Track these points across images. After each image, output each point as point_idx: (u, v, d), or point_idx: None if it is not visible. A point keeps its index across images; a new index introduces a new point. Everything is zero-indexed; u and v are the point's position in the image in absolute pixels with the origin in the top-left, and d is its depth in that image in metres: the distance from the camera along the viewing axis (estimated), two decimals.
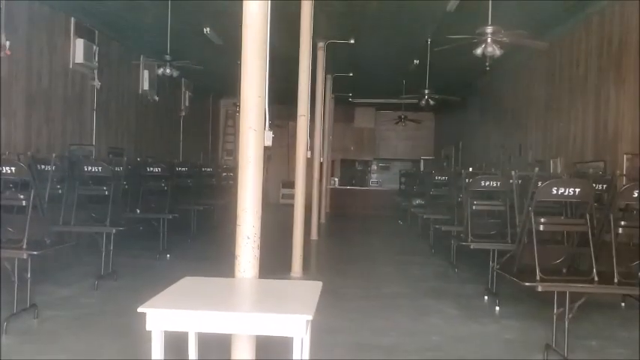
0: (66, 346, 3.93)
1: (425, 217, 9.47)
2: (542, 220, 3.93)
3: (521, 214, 4.39)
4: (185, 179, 9.14)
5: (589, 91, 7.55)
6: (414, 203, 11.13)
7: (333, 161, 17.61)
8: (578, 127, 7.85)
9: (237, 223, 3.19)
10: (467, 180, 6.36)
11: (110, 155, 9.47)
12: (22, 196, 4.48)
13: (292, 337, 2.36)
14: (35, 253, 4.28)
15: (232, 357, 3.12)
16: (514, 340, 4.40)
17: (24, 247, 4.25)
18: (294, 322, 2.34)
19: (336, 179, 18.29)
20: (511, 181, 5.51)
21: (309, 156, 7.34)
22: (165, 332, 2.44)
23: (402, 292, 6.02)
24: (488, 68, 6.89)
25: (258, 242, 3.20)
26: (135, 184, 7.75)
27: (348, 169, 19.62)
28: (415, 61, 10.87)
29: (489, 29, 6.14)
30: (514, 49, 7.71)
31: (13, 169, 4.53)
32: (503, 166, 10.47)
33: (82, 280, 5.89)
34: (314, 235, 9.80)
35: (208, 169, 11.21)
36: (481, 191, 6.16)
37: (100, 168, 6.15)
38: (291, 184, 8.87)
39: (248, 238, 3.16)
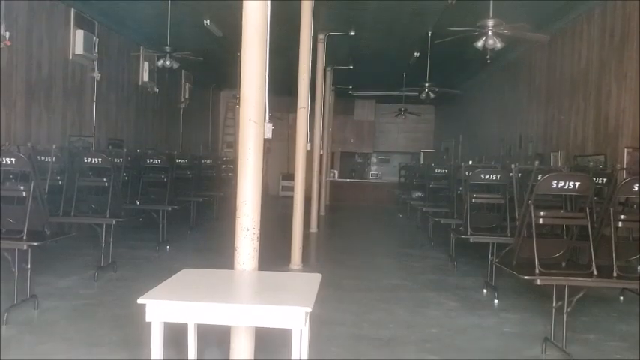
0: (66, 337, 3.95)
1: (424, 209, 9.48)
2: (542, 213, 3.94)
3: (521, 208, 4.39)
4: (185, 171, 9.14)
5: (590, 84, 7.53)
6: (414, 196, 11.14)
7: (333, 154, 17.60)
8: (579, 121, 7.84)
9: (237, 215, 3.19)
10: (466, 173, 6.36)
11: (110, 147, 9.47)
12: (22, 188, 4.49)
13: (291, 329, 2.37)
14: (35, 244, 4.29)
15: (232, 348, 3.14)
16: (512, 332, 4.42)
17: (24, 238, 4.26)
18: (294, 314, 2.35)
19: (336, 172, 18.29)
20: (511, 174, 5.52)
21: (308, 148, 7.33)
22: (165, 323, 2.45)
23: (401, 284, 6.04)
24: (489, 61, 6.87)
25: (257, 234, 3.20)
26: (135, 175, 7.75)
27: (347, 161, 19.61)
28: (416, 53, 10.84)
29: (490, 22, 6.12)
30: (515, 42, 7.69)
31: (13, 160, 4.53)
32: (503, 160, 10.47)
33: (82, 271, 5.91)
34: (313, 228, 9.81)
35: (208, 161, 11.21)
36: (481, 184, 6.16)
37: (99, 159, 6.14)
38: (290, 177, 8.87)
39: (247, 230, 3.16)
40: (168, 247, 7.56)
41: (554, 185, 3.87)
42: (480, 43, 6.18)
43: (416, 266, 7.11)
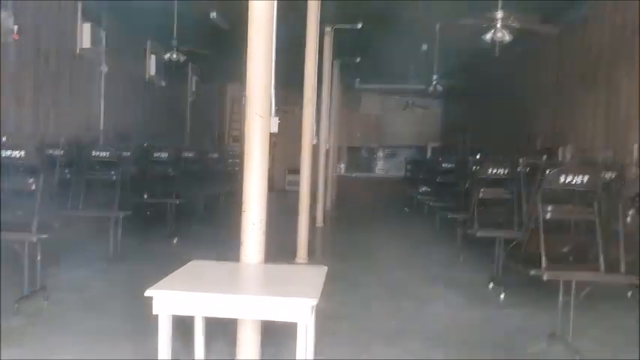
0: (75, 328, 3.99)
1: (431, 204, 9.46)
2: (549, 208, 3.92)
3: (529, 202, 4.37)
4: (192, 165, 9.17)
5: (600, 78, 7.46)
6: (421, 190, 11.12)
7: (339, 148, 17.57)
8: (589, 115, 7.78)
9: (243, 209, 3.20)
10: (474, 167, 6.34)
11: (117, 140, 9.51)
12: (31, 181, 4.52)
13: (297, 322, 2.38)
14: (44, 236, 4.32)
15: (238, 341, 3.16)
16: (519, 327, 4.42)
17: (33, 230, 4.30)
18: (299, 307, 2.36)
19: (342, 166, 18.27)
20: (519, 168, 5.49)
21: (315, 142, 7.33)
22: (175, 318, 2.46)
23: (407, 278, 6.04)
24: (497, 54, 6.82)
25: (263, 228, 3.21)
26: (142, 169, 7.79)
27: (354, 155, 19.59)
28: (423, 46, 10.78)
29: (499, 14, 6.07)
30: (524, 35, 7.62)
31: (22, 153, 4.56)
32: (511, 153, 10.41)
33: (91, 263, 5.95)
34: (319, 222, 9.82)
35: (215, 155, 11.24)
36: (488, 179, 6.14)
37: (107, 153, 6.18)
38: (296, 171, 8.87)
39: (253, 224, 3.17)
40: (175, 239, 7.59)
41: (563, 180, 3.85)
42: (488, 36, 6.14)
43: (422, 260, 7.10)
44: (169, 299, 2.41)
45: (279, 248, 5.94)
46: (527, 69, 10.69)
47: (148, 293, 2.39)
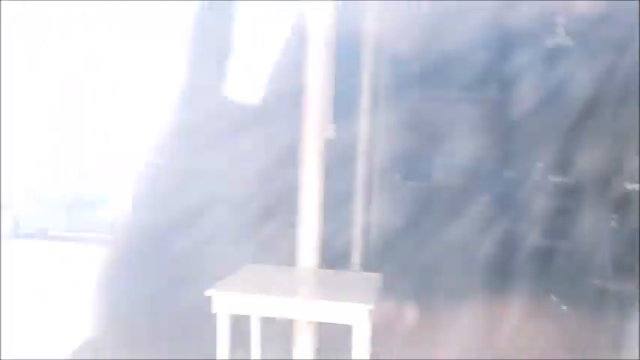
0: (136, 331, 4.17)
1: (491, 212, 9.22)
2: (614, 216, 3.77)
3: (593, 210, 4.21)
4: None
5: None
6: (482, 198, 10.85)
7: (395, 155, 17.43)
8: None
9: (299, 214, 3.26)
10: (535, 175, 6.16)
11: None
12: None
13: (353, 326, 2.41)
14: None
15: (295, 343, 3.21)
16: (580, 339, 4.24)
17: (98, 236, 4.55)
18: (356, 311, 2.39)
19: (400, 173, 18.08)
20: (584, 175, 5.29)
21: (370, 149, 7.33)
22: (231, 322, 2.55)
23: (464, 286, 5.92)
24: (555, 61, 6.60)
25: (319, 233, 3.26)
26: None
27: (412, 162, 19.35)
28: (485, 52, 10.56)
29: (560, 18, 5.88)
30: (589, 38, 7.34)
31: None
32: (575, 160, 9.97)
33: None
34: (374, 228, 9.75)
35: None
36: (552, 187, 5.94)
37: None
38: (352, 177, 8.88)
39: (309, 228, 3.22)
40: (230, 242, 7.76)
41: (629, 186, 3.70)
42: (548, 42, 5.96)
43: (479, 269, 6.92)
44: (228, 299, 2.51)
45: (334, 253, 5.97)
46: (592, 70, 10.24)
47: (207, 293, 2.49)
